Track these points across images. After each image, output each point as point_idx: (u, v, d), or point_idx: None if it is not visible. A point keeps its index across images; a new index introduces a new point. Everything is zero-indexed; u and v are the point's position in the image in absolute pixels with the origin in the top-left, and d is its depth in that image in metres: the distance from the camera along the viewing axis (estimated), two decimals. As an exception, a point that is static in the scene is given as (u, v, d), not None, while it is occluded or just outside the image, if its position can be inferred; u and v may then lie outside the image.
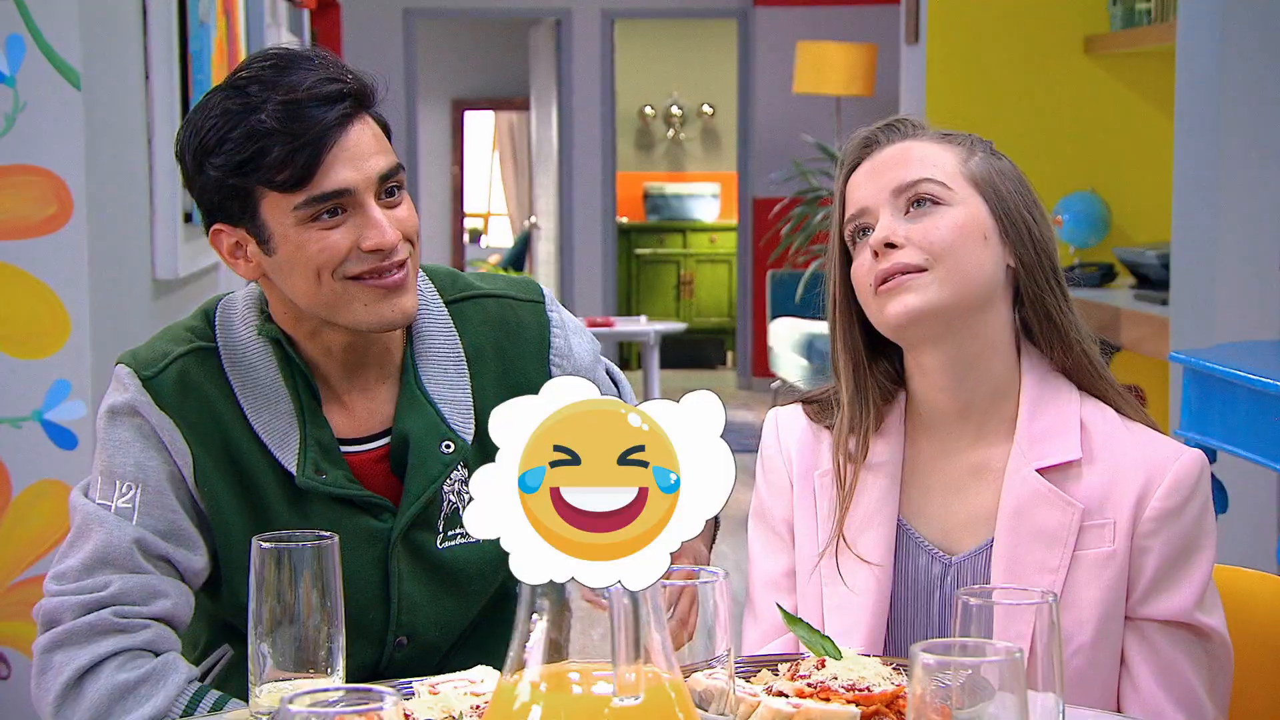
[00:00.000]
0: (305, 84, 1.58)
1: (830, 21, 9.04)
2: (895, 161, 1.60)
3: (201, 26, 3.64)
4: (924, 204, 1.58)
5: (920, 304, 1.55)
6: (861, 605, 1.58)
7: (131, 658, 1.57)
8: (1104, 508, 1.55)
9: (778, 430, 1.71)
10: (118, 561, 1.59)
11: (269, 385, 1.65)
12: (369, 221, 1.59)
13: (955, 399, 1.60)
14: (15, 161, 2.70)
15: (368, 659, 1.66)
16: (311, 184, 1.57)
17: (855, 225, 1.61)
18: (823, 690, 1.28)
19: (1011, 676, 1.02)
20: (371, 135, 1.62)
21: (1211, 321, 3.59)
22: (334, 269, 1.59)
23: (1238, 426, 2.89)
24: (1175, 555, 1.54)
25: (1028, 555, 1.55)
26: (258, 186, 1.58)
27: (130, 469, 1.62)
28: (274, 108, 1.56)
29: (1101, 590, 1.53)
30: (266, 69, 1.60)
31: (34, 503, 2.74)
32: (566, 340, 1.77)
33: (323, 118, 1.57)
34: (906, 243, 1.56)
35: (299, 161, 1.56)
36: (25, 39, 2.69)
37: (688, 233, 11.22)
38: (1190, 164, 3.74)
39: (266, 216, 1.59)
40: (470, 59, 11.97)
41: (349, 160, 1.58)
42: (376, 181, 1.60)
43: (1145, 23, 4.93)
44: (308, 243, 1.58)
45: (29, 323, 2.72)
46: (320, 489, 1.63)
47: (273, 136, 1.56)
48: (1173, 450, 1.57)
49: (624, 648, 0.97)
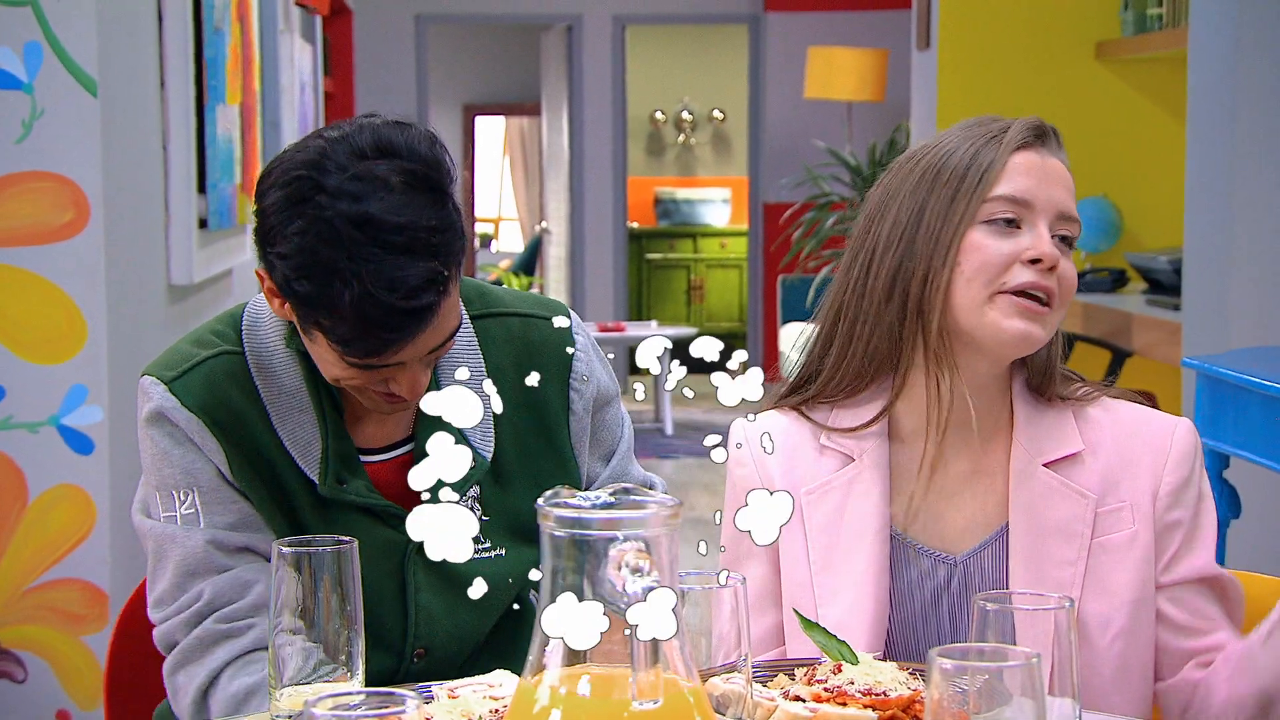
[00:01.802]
0: (406, 284, 1.48)
1: (841, 27, 9.04)
2: (1063, 181, 1.57)
3: (216, 33, 3.66)
4: (1068, 241, 1.56)
5: (1042, 337, 1.54)
6: (859, 623, 1.57)
7: (246, 662, 1.60)
8: (1117, 491, 1.57)
9: (749, 448, 1.63)
10: (201, 568, 1.61)
11: (294, 394, 1.65)
12: (403, 381, 1.57)
13: (961, 408, 1.59)
14: (33, 168, 2.71)
15: (386, 669, 1.67)
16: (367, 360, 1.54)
17: (1006, 209, 1.53)
18: (839, 695, 1.29)
19: (1029, 682, 1.03)
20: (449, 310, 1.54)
21: (1224, 327, 3.59)
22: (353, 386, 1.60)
23: (1250, 432, 2.89)
24: (1193, 518, 1.59)
25: (1045, 551, 1.55)
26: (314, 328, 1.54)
27: (180, 476, 1.63)
28: (360, 295, 1.47)
29: (1131, 573, 1.55)
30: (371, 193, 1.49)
31: (51, 507, 2.75)
32: (589, 365, 1.76)
33: (404, 327, 1.50)
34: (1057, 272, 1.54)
35: (363, 349, 1.52)
36: (43, 46, 2.70)
37: (698, 238, 11.23)
38: (1202, 169, 3.74)
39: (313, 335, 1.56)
40: (482, 64, 11.99)
41: (412, 350, 1.54)
42: (427, 353, 1.57)
43: (1157, 28, 4.93)
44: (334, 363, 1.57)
45: (46, 328, 2.74)
46: (342, 497, 1.64)
47: (347, 323, 1.49)
48: (1167, 424, 1.60)
49: (643, 652, 0.98)
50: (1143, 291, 4.78)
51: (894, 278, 1.56)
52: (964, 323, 1.54)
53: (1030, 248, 1.52)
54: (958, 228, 1.53)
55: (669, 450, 7.82)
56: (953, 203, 1.54)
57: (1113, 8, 5.24)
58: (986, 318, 1.52)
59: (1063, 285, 1.54)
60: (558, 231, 10.11)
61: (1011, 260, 1.52)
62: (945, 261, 1.53)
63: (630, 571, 0.98)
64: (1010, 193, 1.53)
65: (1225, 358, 3.09)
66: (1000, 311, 1.52)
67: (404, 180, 1.51)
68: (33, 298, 2.73)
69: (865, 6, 9.08)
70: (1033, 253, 1.52)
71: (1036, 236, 1.53)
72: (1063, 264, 1.55)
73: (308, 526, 1.63)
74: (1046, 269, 1.52)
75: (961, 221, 1.53)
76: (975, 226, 1.53)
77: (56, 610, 2.73)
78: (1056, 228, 1.55)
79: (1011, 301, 1.52)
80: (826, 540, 1.59)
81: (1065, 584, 1.54)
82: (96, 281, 2.74)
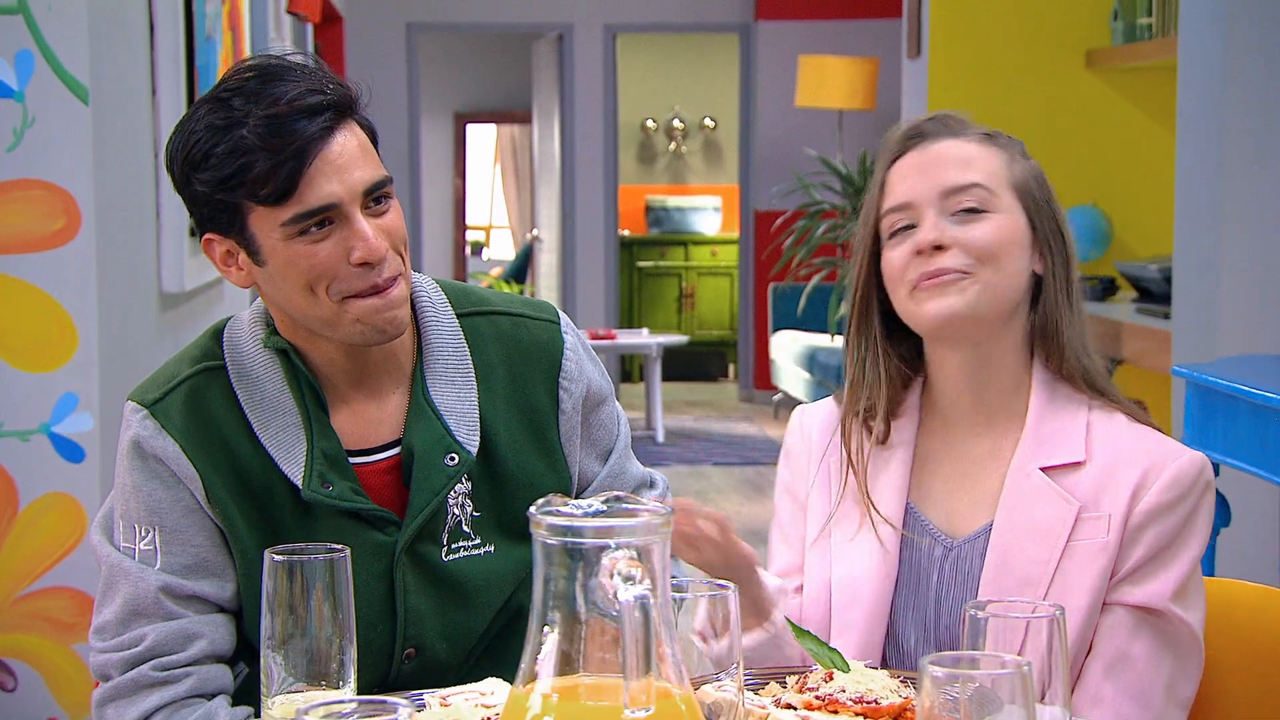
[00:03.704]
0: (287, 96, 1.57)
1: (832, 36, 9.06)
2: (945, 161, 1.63)
3: (208, 41, 3.66)
4: (972, 210, 1.61)
5: (961, 307, 1.60)
6: (867, 581, 1.63)
7: (177, 709, 1.60)
8: (1100, 501, 1.58)
9: (802, 423, 1.76)
10: (148, 612, 1.61)
11: (275, 397, 1.65)
12: (356, 234, 1.58)
13: (970, 392, 1.66)
14: (24, 176, 2.71)
15: (377, 673, 1.67)
16: (296, 198, 1.56)
17: (897, 218, 1.64)
18: (831, 703, 1.29)
19: (1020, 689, 1.03)
20: (357, 145, 1.60)
21: (1214, 335, 3.60)
22: (328, 285, 1.59)
23: (1240, 440, 2.89)
24: (1160, 548, 1.57)
25: (1020, 548, 1.59)
26: (244, 201, 1.58)
27: (144, 514, 1.63)
28: (256, 122, 1.55)
29: (1092, 579, 1.56)
30: (250, 80, 1.59)
31: (41, 515, 2.75)
32: (579, 365, 1.76)
33: (305, 130, 1.56)
34: (954, 245, 1.60)
35: (281, 176, 1.55)
36: (35, 54, 2.70)
37: (689, 246, 11.24)
38: (1192, 178, 3.76)
39: (255, 229, 1.59)
40: (473, 72, 12.00)
41: (333, 173, 1.57)
42: (361, 194, 1.59)
43: (1146, 37, 4.95)
44: (297, 257, 1.58)
45: (37, 336, 2.74)
46: (325, 502, 1.63)
47: (255, 152, 1.55)
48: (1175, 450, 1.61)
49: (635, 660, 0.98)
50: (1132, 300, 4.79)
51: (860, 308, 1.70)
52: (909, 324, 1.65)
53: (914, 242, 1.61)
54: (870, 252, 1.67)
55: (661, 458, 7.82)
56: (862, 235, 1.68)
57: (1103, 17, 5.26)
58: (913, 314, 1.63)
59: (972, 251, 1.60)
60: (549, 239, 10.11)
61: (908, 259, 1.62)
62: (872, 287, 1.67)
63: (622, 580, 0.98)
64: (894, 203, 1.64)
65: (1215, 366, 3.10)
66: (915, 303, 1.62)
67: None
68: (24, 306, 2.73)
69: (856, 15, 9.10)
70: (913, 246, 1.61)
71: (925, 228, 1.61)
72: (962, 233, 1.60)
73: (289, 536, 1.63)
74: (928, 252, 1.60)
75: (871, 247, 1.67)
76: (886, 244, 1.65)
77: (47, 618, 2.73)
78: (948, 205, 1.61)
79: (915, 289, 1.61)
80: (848, 506, 1.67)
81: (1033, 581, 1.57)
82: (88, 289, 2.74)
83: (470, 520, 1.68)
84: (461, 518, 1.68)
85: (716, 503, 6.79)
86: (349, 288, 1.59)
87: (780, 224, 8.12)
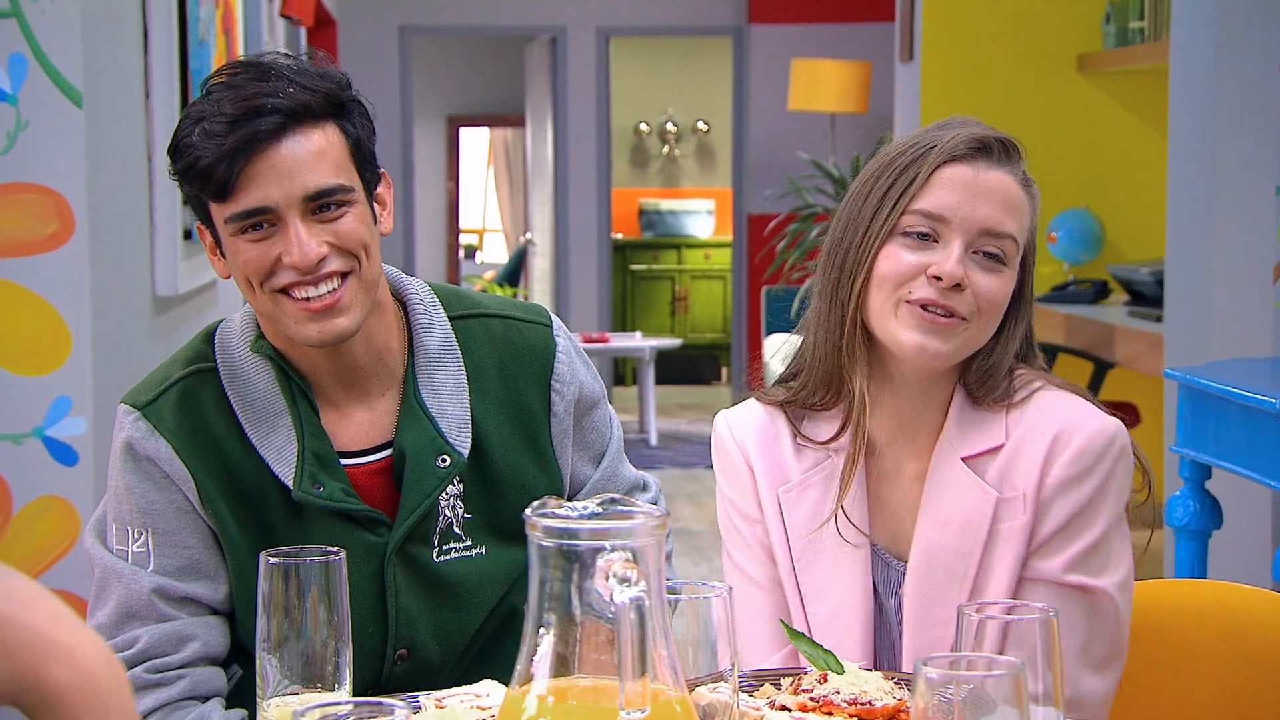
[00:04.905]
0: (248, 94, 1.57)
1: (825, 39, 9.07)
2: (995, 196, 1.56)
3: (201, 45, 3.66)
4: (995, 259, 1.56)
5: (945, 351, 1.55)
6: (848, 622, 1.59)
7: (170, 710, 1.60)
8: (1012, 479, 1.56)
9: (731, 432, 1.68)
10: (141, 614, 1.62)
11: (266, 399, 1.65)
12: (289, 239, 1.58)
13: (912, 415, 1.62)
14: (17, 179, 2.71)
15: (369, 674, 1.67)
16: (234, 198, 1.57)
17: (923, 223, 1.56)
18: (825, 705, 1.30)
19: (1013, 691, 1.03)
20: (312, 150, 1.58)
21: (1206, 338, 3.61)
22: (261, 280, 1.60)
23: (1232, 443, 2.90)
24: (1067, 521, 1.55)
25: (942, 544, 1.57)
26: (199, 193, 1.60)
27: (137, 515, 1.63)
28: (216, 118, 1.56)
29: (1011, 561, 1.55)
30: (237, 74, 1.61)
31: (35, 519, 2.75)
32: (571, 368, 1.76)
33: (252, 131, 1.55)
34: (968, 288, 1.55)
35: (219, 173, 1.56)
36: (28, 58, 2.70)
37: (683, 249, 11.24)
38: (1183, 181, 3.77)
39: (215, 221, 1.62)
40: (466, 76, 12.00)
41: (274, 176, 1.57)
42: (300, 200, 1.58)
43: (1138, 41, 4.96)
44: (237, 252, 1.60)
45: (30, 339, 2.73)
46: (316, 502, 1.63)
47: (205, 147, 1.56)
48: (1083, 419, 1.56)
49: (630, 662, 0.98)
50: (1125, 303, 4.80)
51: (834, 283, 1.60)
52: (875, 330, 1.58)
53: (935, 264, 1.54)
54: (877, 237, 1.56)
55: (654, 461, 7.82)
56: (875, 213, 1.57)
57: (1095, 21, 5.27)
58: (889, 325, 1.56)
59: (978, 302, 1.55)
60: (542, 243, 10.11)
61: (918, 273, 1.55)
62: (860, 269, 1.57)
63: (618, 581, 0.98)
64: (927, 208, 1.56)
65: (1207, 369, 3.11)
66: (900, 321, 1.56)
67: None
68: (17, 309, 2.72)
69: (849, 19, 9.11)
70: (934, 270, 1.54)
71: (946, 254, 1.54)
72: (979, 280, 1.55)
73: (281, 538, 1.63)
74: (947, 287, 1.53)
75: (881, 232, 1.56)
76: (894, 238, 1.56)
77: (40, 622, 2.72)
78: (979, 244, 1.55)
79: (911, 312, 1.55)
80: (807, 539, 1.62)
81: (956, 576, 1.56)
82: (81, 293, 2.74)
83: (461, 522, 1.69)
84: (453, 519, 1.68)
85: (709, 506, 6.79)
86: (279, 281, 1.60)
87: (773, 227, 8.12)
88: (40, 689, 0.89)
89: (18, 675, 0.88)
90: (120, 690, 0.90)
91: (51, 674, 0.89)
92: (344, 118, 1.63)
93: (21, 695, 0.89)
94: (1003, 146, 1.59)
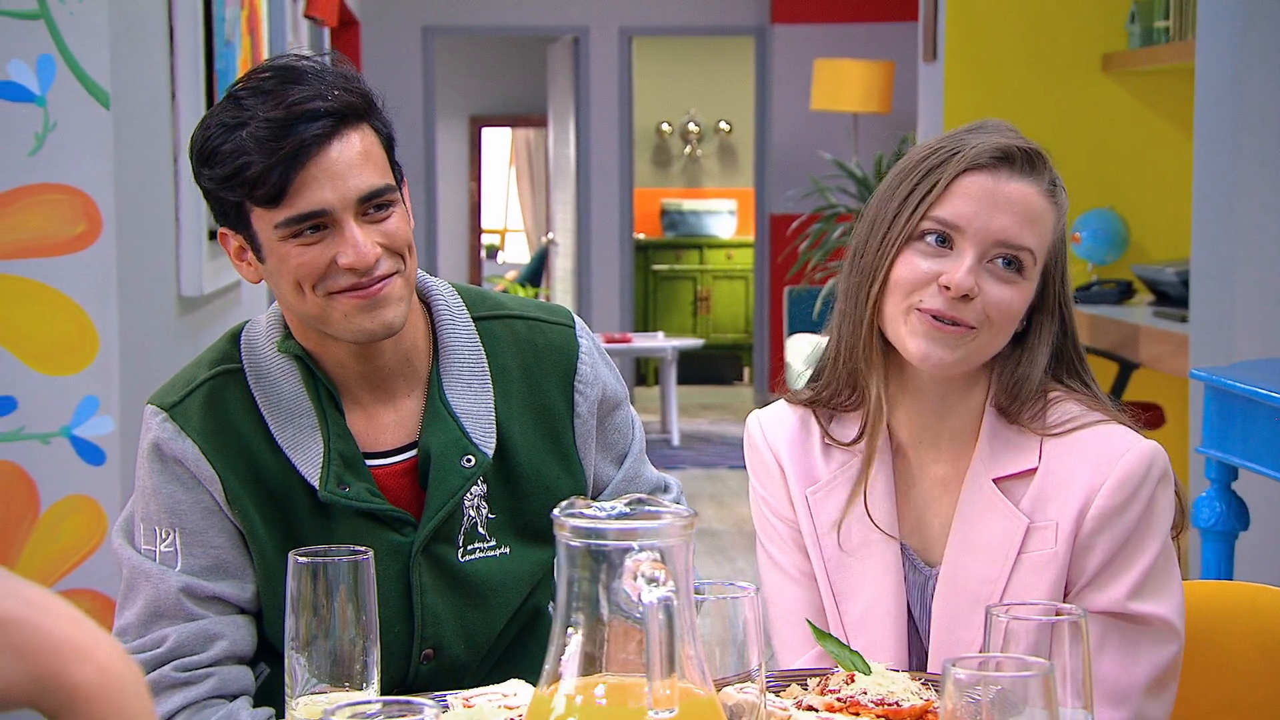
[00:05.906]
0: (290, 99, 1.58)
1: (848, 39, 9.06)
2: (1014, 206, 1.55)
3: (227, 46, 3.67)
4: (1011, 268, 1.55)
5: (951, 360, 1.55)
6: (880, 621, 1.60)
7: (199, 709, 1.61)
8: (1046, 509, 1.55)
9: (763, 432, 1.69)
10: (169, 613, 1.63)
11: (292, 400, 1.66)
12: (346, 240, 1.59)
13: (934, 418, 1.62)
14: (45, 180, 2.73)
15: (395, 674, 1.68)
16: (288, 202, 1.58)
17: (939, 229, 1.56)
18: (852, 705, 1.30)
19: (1042, 693, 1.03)
20: (358, 152, 1.60)
21: (1232, 338, 3.59)
22: (314, 283, 1.60)
23: (1259, 444, 2.89)
24: (1117, 550, 1.54)
25: (969, 568, 1.57)
26: (243, 200, 1.60)
27: (165, 515, 1.64)
28: (258, 123, 1.57)
29: (1042, 593, 1.54)
30: (266, 79, 1.61)
31: (62, 518, 2.76)
32: (594, 369, 1.77)
33: (302, 135, 1.56)
34: (977, 298, 1.54)
35: (274, 179, 1.57)
36: (56, 59, 2.72)
37: (705, 249, 11.24)
38: (1209, 181, 3.75)
39: (256, 228, 1.62)
40: (488, 76, 12.02)
41: (328, 179, 1.58)
42: (355, 202, 1.59)
43: (1163, 41, 4.94)
44: (288, 257, 1.60)
45: (58, 339, 2.75)
46: (342, 502, 1.64)
47: (253, 153, 1.57)
48: (1122, 446, 1.55)
49: (659, 662, 0.98)
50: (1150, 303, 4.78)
51: (855, 285, 1.61)
52: (889, 334, 1.58)
53: (946, 274, 1.54)
54: (896, 241, 1.56)
55: (676, 461, 7.82)
56: (896, 217, 1.57)
57: (1119, 20, 5.25)
58: (900, 331, 1.57)
59: (988, 311, 1.54)
60: (564, 243, 10.12)
61: (930, 281, 1.55)
62: (879, 272, 1.57)
63: (646, 581, 0.99)
64: (944, 215, 1.55)
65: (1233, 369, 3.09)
66: (909, 328, 1.56)
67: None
68: (44, 309, 2.74)
69: (872, 19, 9.10)
70: (945, 279, 1.53)
71: (958, 264, 1.54)
72: (991, 290, 1.54)
73: (307, 537, 1.64)
74: (956, 298, 1.53)
75: (900, 236, 1.56)
76: (912, 243, 1.56)
77: (67, 620, 2.73)
78: (993, 252, 1.55)
79: (920, 319, 1.55)
80: (836, 539, 1.63)
81: (981, 599, 1.54)
82: (108, 293, 2.75)
83: (486, 522, 1.69)
84: (477, 519, 1.69)
85: (731, 507, 6.79)
86: (334, 284, 1.60)
87: (795, 227, 8.11)
88: (63, 690, 0.90)
89: (41, 676, 0.90)
90: (140, 689, 0.92)
91: (74, 674, 0.90)
92: (376, 117, 1.64)
93: (45, 697, 0.90)
94: (1026, 156, 1.57)
